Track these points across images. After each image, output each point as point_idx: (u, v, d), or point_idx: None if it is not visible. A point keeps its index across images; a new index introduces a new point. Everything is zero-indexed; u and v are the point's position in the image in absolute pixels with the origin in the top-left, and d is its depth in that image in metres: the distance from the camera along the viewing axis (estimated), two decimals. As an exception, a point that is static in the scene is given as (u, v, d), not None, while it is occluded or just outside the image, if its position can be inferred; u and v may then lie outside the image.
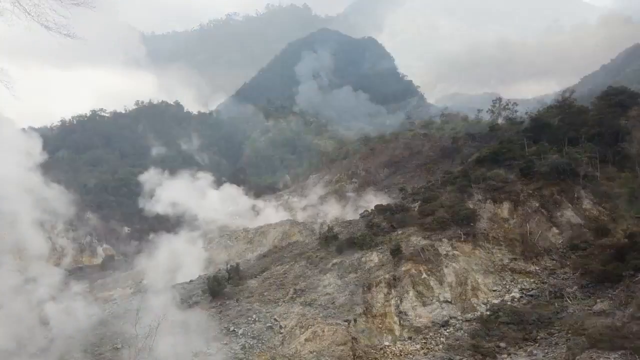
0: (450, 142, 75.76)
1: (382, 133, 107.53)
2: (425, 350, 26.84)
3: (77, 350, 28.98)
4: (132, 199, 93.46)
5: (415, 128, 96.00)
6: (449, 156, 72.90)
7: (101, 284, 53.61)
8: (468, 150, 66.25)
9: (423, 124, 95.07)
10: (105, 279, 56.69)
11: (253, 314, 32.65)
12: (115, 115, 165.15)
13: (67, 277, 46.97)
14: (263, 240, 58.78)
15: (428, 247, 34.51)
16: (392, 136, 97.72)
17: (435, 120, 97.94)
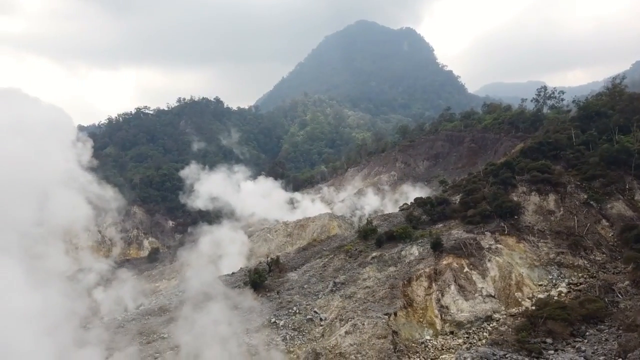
0: (493, 133, 73.71)
1: (421, 125, 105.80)
2: (467, 344, 26.40)
3: (126, 339, 30.18)
4: (175, 193, 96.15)
5: (455, 119, 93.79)
6: (492, 147, 71.01)
7: (147, 276, 55.63)
8: (511, 141, 64.32)
9: (464, 114, 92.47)
10: (151, 271, 58.76)
11: (293, 306, 33.03)
12: (158, 112, 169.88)
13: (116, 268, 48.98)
14: (302, 234, 59.28)
15: (470, 241, 33.82)
16: (431, 128, 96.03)
17: (477, 111, 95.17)
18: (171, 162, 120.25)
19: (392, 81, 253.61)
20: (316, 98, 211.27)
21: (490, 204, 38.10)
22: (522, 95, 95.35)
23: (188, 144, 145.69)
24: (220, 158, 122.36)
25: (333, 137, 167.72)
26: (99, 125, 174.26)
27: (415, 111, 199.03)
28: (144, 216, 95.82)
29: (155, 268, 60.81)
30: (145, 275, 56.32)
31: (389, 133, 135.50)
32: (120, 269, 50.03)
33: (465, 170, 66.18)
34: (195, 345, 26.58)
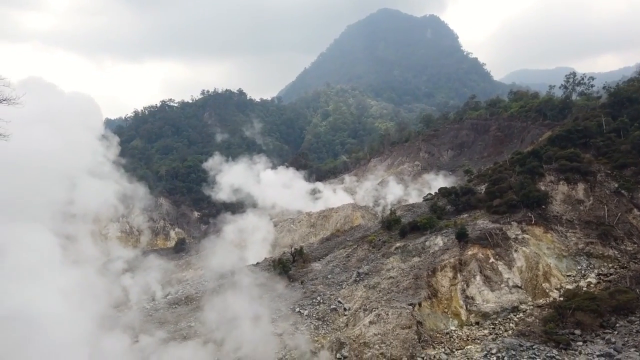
0: (520, 121, 72.20)
1: (445, 114, 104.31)
2: (493, 335, 26.13)
3: (154, 327, 30.91)
4: (200, 185, 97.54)
5: (481, 107, 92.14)
6: (518, 136, 69.66)
7: (174, 266, 56.69)
8: (539, 130, 62.95)
9: (489, 102, 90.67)
10: (177, 260, 59.87)
11: (317, 296, 33.25)
12: (182, 105, 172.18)
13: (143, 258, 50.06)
14: (325, 224, 59.47)
15: (496, 231, 33.34)
16: (456, 116, 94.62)
17: (503, 99, 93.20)
18: (196, 154, 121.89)
19: (416, 70, 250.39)
20: (338, 88, 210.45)
21: (517, 194, 37.41)
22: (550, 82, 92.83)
23: (212, 135, 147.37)
24: (244, 150, 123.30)
25: (356, 128, 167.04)
26: (125, 119, 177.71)
27: (440, 100, 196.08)
28: (170, 207, 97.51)
29: (182, 258, 61.93)
30: (172, 265, 57.40)
31: (412, 123, 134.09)
32: (147, 259, 51.11)
33: (491, 160, 65.13)
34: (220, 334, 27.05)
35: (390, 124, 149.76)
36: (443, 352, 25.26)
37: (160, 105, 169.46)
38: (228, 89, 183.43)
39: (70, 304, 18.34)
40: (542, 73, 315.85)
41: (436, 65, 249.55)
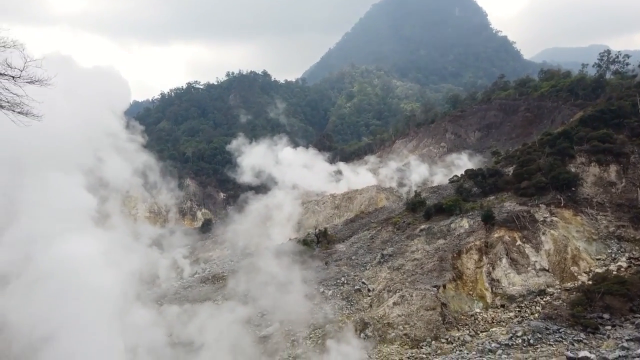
0: (550, 101, 70.11)
1: (473, 94, 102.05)
2: (519, 318, 25.92)
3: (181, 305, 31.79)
4: (225, 166, 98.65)
5: (510, 87, 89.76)
6: (548, 117, 67.73)
7: (201, 246, 57.88)
8: (570, 110, 61.01)
9: (519, 82, 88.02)
10: (204, 241, 61.04)
11: (342, 277, 33.53)
12: (208, 87, 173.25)
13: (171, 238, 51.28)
14: (350, 206, 59.50)
15: (523, 213, 32.79)
16: (484, 97, 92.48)
17: (533, 78, 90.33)
18: (221, 136, 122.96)
19: (443, 49, 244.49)
20: (363, 69, 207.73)
21: (546, 176, 36.60)
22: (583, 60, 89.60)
23: (237, 117, 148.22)
24: (268, 131, 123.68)
25: (381, 109, 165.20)
26: (152, 101, 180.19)
27: (467, 80, 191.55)
28: (197, 188, 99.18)
29: (208, 238, 63.10)
30: (199, 245, 58.62)
31: (438, 103, 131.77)
32: (175, 238, 52.29)
33: (519, 141, 63.62)
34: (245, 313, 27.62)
35: (416, 105, 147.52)
36: (467, 334, 25.23)
37: (186, 87, 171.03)
38: (252, 71, 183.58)
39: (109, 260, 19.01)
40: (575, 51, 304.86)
41: (464, 44, 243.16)
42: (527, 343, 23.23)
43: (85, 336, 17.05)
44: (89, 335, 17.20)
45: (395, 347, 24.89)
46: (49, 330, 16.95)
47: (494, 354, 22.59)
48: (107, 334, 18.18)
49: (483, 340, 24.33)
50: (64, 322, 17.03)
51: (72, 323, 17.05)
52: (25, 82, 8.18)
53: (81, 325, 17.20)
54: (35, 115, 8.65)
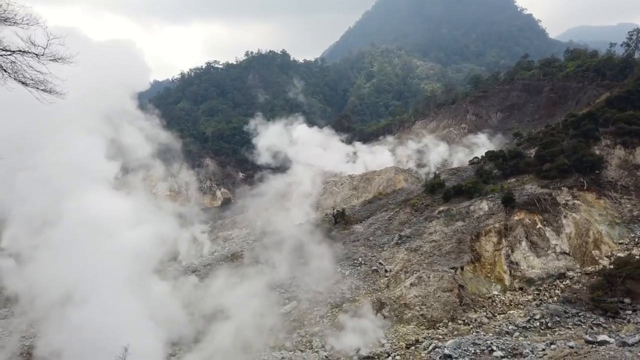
0: (575, 81, 68.24)
1: (495, 74, 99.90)
2: (537, 301, 25.76)
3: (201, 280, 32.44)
4: (244, 146, 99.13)
5: (534, 67, 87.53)
6: (573, 97, 66.07)
7: (221, 224, 58.65)
8: (596, 91, 59.38)
9: (543, 62, 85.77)
10: (224, 220, 61.81)
11: (359, 257, 33.69)
12: (227, 67, 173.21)
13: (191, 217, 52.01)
14: (368, 187, 59.41)
15: (545, 196, 32.28)
16: (507, 77, 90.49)
17: (558, 58, 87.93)
18: (240, 116, 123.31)
19: (465, 28, 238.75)
20: (384, 48, 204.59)
21: (569, 158, 35.86)
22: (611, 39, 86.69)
23: (256, 97, 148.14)
24: (287, 112, 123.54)
25: (401, 89, 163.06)
26: (172, 80, 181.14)
27: (490, 60, 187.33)
28: (216, 168, 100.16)
29: (228, 217, 63.87)
30: (218, 223, 59.41)
31: (460, 83, 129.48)
32: (195, 217, 53.01)
33: (543, 122, 62.36)
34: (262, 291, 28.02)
35: (437, 85, 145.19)
36: (484, 316, 25.21)
37: (206, 67, 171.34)
38: (272, 50, 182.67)
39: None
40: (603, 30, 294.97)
41: (487, 22, 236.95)
42: (545, 326, 23.12)
43: (111, 297, 17.44)
44: (115, 297, 17.60)
45: (412, 327, 25.04)
46: (75, 289, 17.40)
47: (511, 336, 22.56)
48: (133, 296, 18.65)
49: (500, 322, 24.28)
50: (90, 281, 17.44)
51: (99, 283, 17.46)
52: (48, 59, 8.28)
53: (107, 285, 17.60)
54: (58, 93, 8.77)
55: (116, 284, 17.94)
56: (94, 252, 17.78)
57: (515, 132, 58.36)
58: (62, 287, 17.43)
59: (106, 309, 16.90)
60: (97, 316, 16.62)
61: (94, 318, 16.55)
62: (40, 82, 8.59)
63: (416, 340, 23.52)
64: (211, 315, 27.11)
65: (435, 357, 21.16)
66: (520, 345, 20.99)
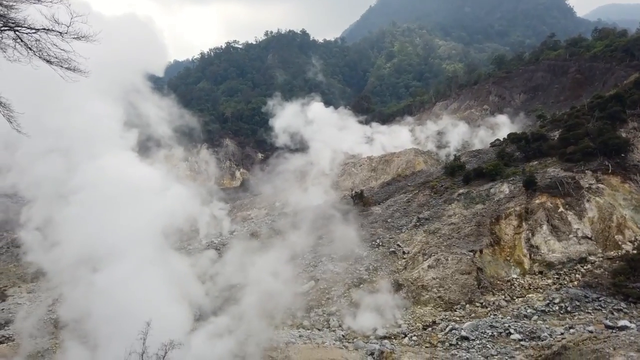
0: (603, 62, 66.17)
1: (520, 54, 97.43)
2: (557, 285, 25.51)
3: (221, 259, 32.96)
4: (263, 127, 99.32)
5: (560, 47, 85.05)
6: (600, 78, 64.21)
7: (240, 204, 59.19)
8: (625, 72, 57.53)
9: (570, 41, 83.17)
10: (243, 200, 62.35)
11: (377, 239, 33.74)
12: (247, 47, 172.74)
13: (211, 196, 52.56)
14: (387, 169, 59.11)
15: (568, 179, 31.69)
16: (531, 57, 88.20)
17: (586, 37, 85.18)
18: (259, 96, 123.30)
19: (490, 6, 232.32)
20: (405, 27, 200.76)
21: (594, 141, 35.00)
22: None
23: (275, 78, 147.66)
24: (306, 92, 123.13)
25: (422, 70, 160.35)
26: (192, 60, 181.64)
27: (514, 39, 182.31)
28: (236, 148, 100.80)
29: (247, 197, 64.40)
30: (237, 203, 59.97)
31: (483, 64, 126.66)
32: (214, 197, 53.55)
33: (568, 104, 60.82)
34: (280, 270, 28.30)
35: (459, 66, 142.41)
36: (503, 299, 25.12)
37: (225, 47, 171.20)
38: (291, 30, 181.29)
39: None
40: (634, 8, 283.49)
41: (512, 0, 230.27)
42: (564, 310, 22.94)
43: (138, 261, 17.75)
44: (142, 261, 17.91)
45: (429, 309, 25.12)
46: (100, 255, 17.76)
47: (529, 320, 22.47)
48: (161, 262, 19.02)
49: (519, 305, 24.17)
50: (115, 247, 17.78)
51: (123, 248, 17.77)
52: (72, 38, 8.36)
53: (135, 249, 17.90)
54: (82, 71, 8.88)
55: (141, 251, 18.21)
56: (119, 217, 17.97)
57: (538, 114, 57.14)
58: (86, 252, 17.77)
59: (131, 275, 17.19)
60: (122, 282, 16.94)
61: (119, 284, 16.88)
62: (64, 60, 8.70)
63: (433, 322, 23.61)
64: (229, 293, 27.64)
65: (452, 338, 21.24)
66: (538, 328, 20.92)
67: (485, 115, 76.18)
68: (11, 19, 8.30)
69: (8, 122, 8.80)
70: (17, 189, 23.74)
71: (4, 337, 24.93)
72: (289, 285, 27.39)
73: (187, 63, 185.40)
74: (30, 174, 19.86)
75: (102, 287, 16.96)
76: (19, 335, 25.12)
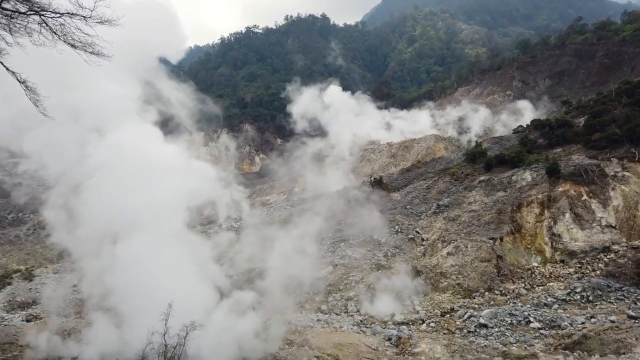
0: (632, 46, 64.07)
1: (545, 38, 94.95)
2: (579, 274, 25.14)
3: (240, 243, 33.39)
4: (282, 112, 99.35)
5: (587, 31, 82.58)
6: (629, 64, 62.33)
7: (259, 190, 59.59)
8: (656, 56, 55.67)
9: (598, 25, 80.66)
10: (262, 185, 62.75)
11: (395, 225, 33.66)
12: (266, 31, 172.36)
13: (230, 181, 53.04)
14: (406, 155, 58.67)
15: (592, 167, 30.99)
16: (557, 41, 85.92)
17: (615, 21, 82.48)
18: (279, 82, 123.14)
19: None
20: (427, 11, 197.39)
21: (621, 128, 34.07)
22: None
23: (295, 63, 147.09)
24: (326, 77, 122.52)
25: (443, 54, 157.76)
26: (213, 45, 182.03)
27: (540, 23, 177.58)
28: (255, 134, 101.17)
29: (266, 182, 64.77)
30: (256, 189, 60.38)
31: (506, 48, 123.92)
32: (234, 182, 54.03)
33: (594, 90, 59.25)
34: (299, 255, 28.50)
35: (482, 50, 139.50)
36: (523, 287, 24.89)
37: (245, 31, 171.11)
38: (311, 14, 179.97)
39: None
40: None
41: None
42: (585, 299, 22.62)
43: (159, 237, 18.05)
44: (166, 236, 18.18)
45: (447, 296, 25.06)
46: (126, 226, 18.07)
47: (550, 308, 22.22)
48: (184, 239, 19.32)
49: (539, 294, 23.91)
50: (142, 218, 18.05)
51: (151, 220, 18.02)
52: (95, 22, 8.47)
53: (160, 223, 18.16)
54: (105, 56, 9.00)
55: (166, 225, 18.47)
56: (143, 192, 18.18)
57: (563, 100, 55.83)
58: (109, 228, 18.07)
59: (155, 250, 17.46)
60: (146, 256, 17.22)
61: (143, 258, 17.17)
62: (88, 44, 8.82)
63: (451, 309, 23.55)
64: (248, 276, 28.01)
65: (471, 325, 21.17)
66: (558, 317, 20.69)
67: (508, 101, 74.76)
68: (36, 3, 8.43)
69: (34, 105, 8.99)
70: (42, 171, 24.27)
71: (31, 316, 25.79)
72: (307, 270, 27.59)
73: (208, 48, 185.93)
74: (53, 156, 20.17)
75: (126, 262, 17.28)
76: (46, 314, 25.97)
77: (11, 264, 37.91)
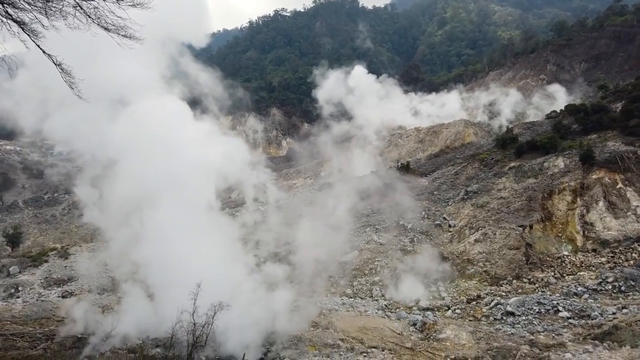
0: (677, 27, 61.14)
1: (582, 20, 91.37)
2: (611, 264, 24.49)
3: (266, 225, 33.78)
4: (309, 96, 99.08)
5: (627, 12, 79.01)
6: (673, 46, 59.48)
7: (286, 174, 59.96)
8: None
9: (639, 6, 77.19)
10: (289, 169, 63.08)
11: (422, 211, 33.40)
12: (295, 15, 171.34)
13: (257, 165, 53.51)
14: (434, 140, 57.88)
15: (629, 154, 29.94)
16: (595, 23, 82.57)
17: (658, 1, 78.74)
18: (306, 66, 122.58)
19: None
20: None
21: (661, 114, 32.75)
22: None
23: (323, 47, 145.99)
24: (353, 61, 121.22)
25: (475, 37, 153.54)
26: (241, 29, 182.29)
27: (577, 4, 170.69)
28: (282, 118, 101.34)
29: (292, 167, 65.08)
30: (283, 172, 60.77)
31: (541, 31, 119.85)
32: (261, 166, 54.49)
33: (633, 74, 56.91)
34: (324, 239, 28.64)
35: (515, 33, 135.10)
36: (552, 276, 24.44)
37: (273, 15, 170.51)
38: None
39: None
40: None
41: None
42: (617, 289, 22.05)
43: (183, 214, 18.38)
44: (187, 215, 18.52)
45: (474, 283, 24.84)
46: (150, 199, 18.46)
47: (579, 298, 21.78)
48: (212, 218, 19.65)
49: (569, 283, 23.44)
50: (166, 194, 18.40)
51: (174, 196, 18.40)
52: (128, 5, 8.59)
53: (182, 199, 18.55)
54: (138, 39, 9.13)
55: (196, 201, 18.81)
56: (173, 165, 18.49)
57: (600, 84, 53.86)
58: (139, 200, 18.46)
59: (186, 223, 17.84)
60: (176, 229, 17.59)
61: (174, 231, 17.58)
62: (121, 27, 8.97)
63: (478, 296, 23.35)
64: (274, 259, 28.35)
65: (497, 313, 20.97)
66: (588, 307, 20.26)
67: (542, 86, 72.57)
68: (70, -14, 8.57)
69: (70, 88, 9.21)
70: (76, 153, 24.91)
71: (67, 292, 26.85)
72: (332, 253, 27.76)
73: (236, 32, 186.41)
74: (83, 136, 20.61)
75: (156, 235, 17.70)
76: (80, 290, 26.98)
77: (48, 242, 39.47)
